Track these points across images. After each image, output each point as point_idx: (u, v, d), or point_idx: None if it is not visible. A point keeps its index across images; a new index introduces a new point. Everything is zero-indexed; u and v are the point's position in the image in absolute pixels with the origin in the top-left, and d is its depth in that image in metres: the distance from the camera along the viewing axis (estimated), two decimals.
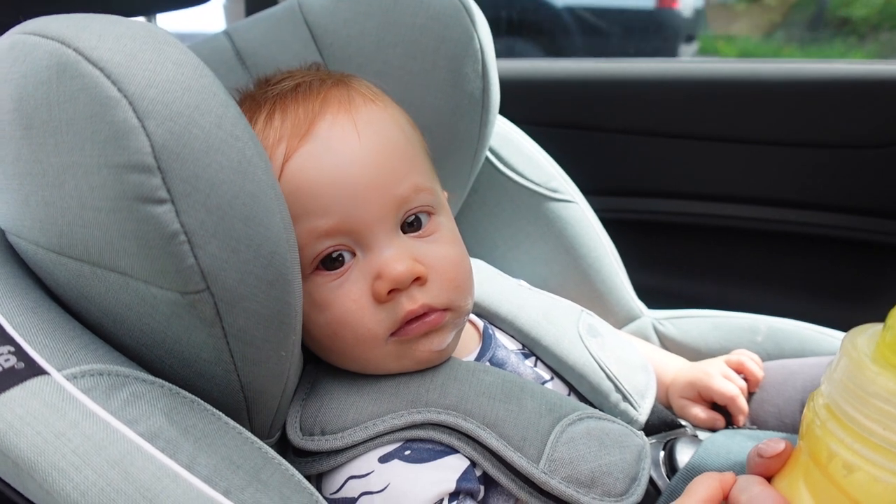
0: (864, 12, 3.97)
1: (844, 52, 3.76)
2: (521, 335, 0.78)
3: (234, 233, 0.47)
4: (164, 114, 0.44)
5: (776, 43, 4.00)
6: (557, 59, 1.51)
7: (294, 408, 0.65)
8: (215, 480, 0.46)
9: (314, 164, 0.61)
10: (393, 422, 0.62)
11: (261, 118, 0.65)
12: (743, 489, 0.48)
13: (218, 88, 0.48)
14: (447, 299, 0.64)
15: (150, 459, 0.45)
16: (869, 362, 0.43)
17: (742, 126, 1.33)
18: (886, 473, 0.42)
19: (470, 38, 0.83)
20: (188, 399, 0.50)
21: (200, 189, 0.45)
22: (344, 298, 0.62)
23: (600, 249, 1.01)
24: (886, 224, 1.27)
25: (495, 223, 1.00)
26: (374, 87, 0.71)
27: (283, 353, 0.55)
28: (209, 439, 0.48)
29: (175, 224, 0.45)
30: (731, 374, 0.86)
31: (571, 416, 0.65)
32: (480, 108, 0.86)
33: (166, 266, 0.46)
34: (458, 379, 0.66)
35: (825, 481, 0.45)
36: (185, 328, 0.49)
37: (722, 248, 1.43)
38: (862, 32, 3.98)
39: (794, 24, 4.21)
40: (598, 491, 0.62)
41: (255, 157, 0.49)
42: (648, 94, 1.38)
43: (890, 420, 0.41)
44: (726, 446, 0.70)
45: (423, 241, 0.65)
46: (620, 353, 0.81)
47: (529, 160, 1.01)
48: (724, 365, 0.88)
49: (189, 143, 0.45)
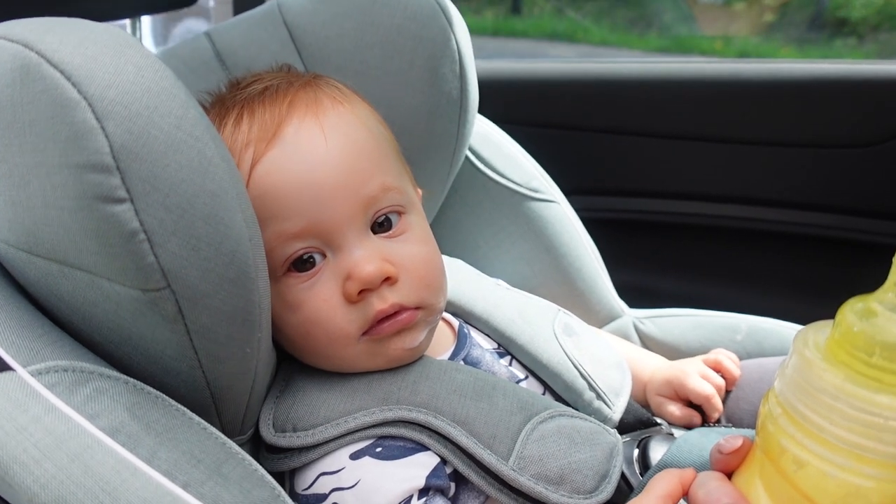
0: (863, 13, 3.97)
1: (843, 53, 3.76)
2: (496, 334, 0.78)
3: (194, 231, 0.48)
4: (124, 115, 0.45)
5: (775, 43, 4.01)
6: (539, 60, 1.51)
7: (268, 405, 0.66)
8: (175, 474, 0.47)
9: (281, 169, 0.62)
10: (364, 419, 0.63)
11: (229, 122, 0.65)
12: (701, 484, 0.49)
13: (178, 90, 0.49)
14: (418, 298, 0.65)
15: (111, 453, 0.45)
16: (818, 359, 0.43)
17: (723, 125, 1.33)
18: (834, 468, 0.42)
19: (447, 38, 0.83)
20: (152, 395, 0.51)
21: (160, 188, 0.46)
22: (315, 299, 0.63)
23: (581, 249, 1.02)
24: (867, 223, 1.27)
25: (476, 223, 1.00)
26: (344, 87, 0.72)
27: (248, 350, 0.55)
28: (171, 434, 0.49)
29: (134, 223, 0.46)
30: (709, 373, 0.86)
31: (543, 415, 0.66)
32: (458, 108, 0.87)
33: (127, 264, 0.47)
34: (429, 377, 0.67)
35: (778, 477, 0.45)
36: (149, 325, 0.50)
37: (703, 248, 1.43)
38: (861, 33, 3.98)
39: (791, 24, 4.21)
40: (567, 488, 0.62)
41: (215, 157, 0.50)
42: (630, 93, 1.38)
43: (837, 416, 0.41)
44: (699, 444, 0.70)
45: (394, 241, 0.66)
46: (595, 352, 0.81)
47: (510, 160, 1.01)
48: (701, 364, 0.88)
49: (148, 143, 0.46)
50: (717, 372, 0.87)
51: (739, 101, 1.31)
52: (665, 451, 0.72)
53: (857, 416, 0.41)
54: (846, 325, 0.43)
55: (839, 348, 0.43)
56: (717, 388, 0.85)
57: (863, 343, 0.41)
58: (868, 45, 3.86)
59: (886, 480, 0.41)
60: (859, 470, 0.41)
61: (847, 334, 0.42)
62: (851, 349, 0.42)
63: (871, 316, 0.42)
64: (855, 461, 0.41)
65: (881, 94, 1.22)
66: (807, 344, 0.45)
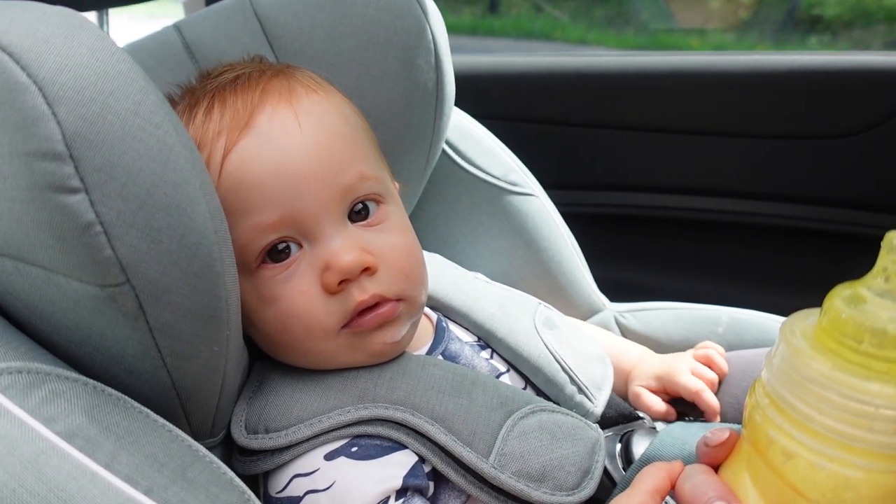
0: (837, 10, 4.03)
1: (818, 49, 3.81)
2: (475, 327, 0.77)
3: (154, 223, 0.46)
4: (76, 100, 0.43)
5: (751, 40, 4.04)
6: (517, 54, 1.51)
7: (240, 406, 0.64)
8: (136, 479, 0.44)
9: (255, 157, 0.60)
10: (339, 418, 0.61)
11: (200, 112, 0.63)
12: (688, 477, 0.48)
13: (137, 74, 0.47)
14: (398, 289, 0.63)
15: (67, 458, 0.43)
16: (806, 347, 0.42)
17: (701, 118, 1.34)
18: (823, 459, 0.41)
19: (422, 29, 0.82)
20: (113, 396, 0.49)
21: (116, 178, 0.44)
22: (292, 291, 0.61)
23: (561, 243, 1.01)
24: (845, 214, 1.28)
25: (454, 217, 0.99)
26: (318, 77, 0.70)
27: (215, 348, 0.53)
28: (132, 437, 0.47)
29: (90, 214, 0.44)
30: (701, 368, 0.84)
31: (524, 410, 0.65)
32: (434, 100, 0.86)
33: (83, 258, 0.45)
34: (407, 373, 0.65)
35: (765, 469, 0.45)
36: (109, 323, 0.48)
37: (683, 241, 1.43)
38: (835, 30, 4.03)
39: (766, 21, 4.25)
40: (550, 485, 0.61)
41: (176, 145, 0.47)
42: (609, 87, 1.38)
43: (826, 405, 0.41)
44: (682, 437, 0.69)
45: (372, 231, 0.64)
46: (577, 345, 0.80)
47: (488, 153, 1.00)
48: (692, 360, 0.86)
49: (103, 130, 0.43)
50: (708, 367, 0.85)
51: (717, 94, 1.32)
52: (648, 445, 0.71)
53: (847, 405, 0.40)
54: (834, 312, 0.42)
55: (827, 336, 0.42)
56: (709, 383, 0.83)
57: (851, 330, 0.41)
58: (841, 42, 3.91)
59: (876, 471, 0.41)
60: (849, 460, 0.41)
61: (835, 321, 0.42)
62: (840, 336, 0.41)
63: (860, 302, 0.41)
64: (844, 451, 0.41)
65: (859, 85, 1.23)
66: (794, 332, 0.44)
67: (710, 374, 0.84)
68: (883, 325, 0.40)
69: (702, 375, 0.83)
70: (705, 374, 0.84)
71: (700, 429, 0.72)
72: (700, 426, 0.73)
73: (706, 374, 0.84)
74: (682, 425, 0.73)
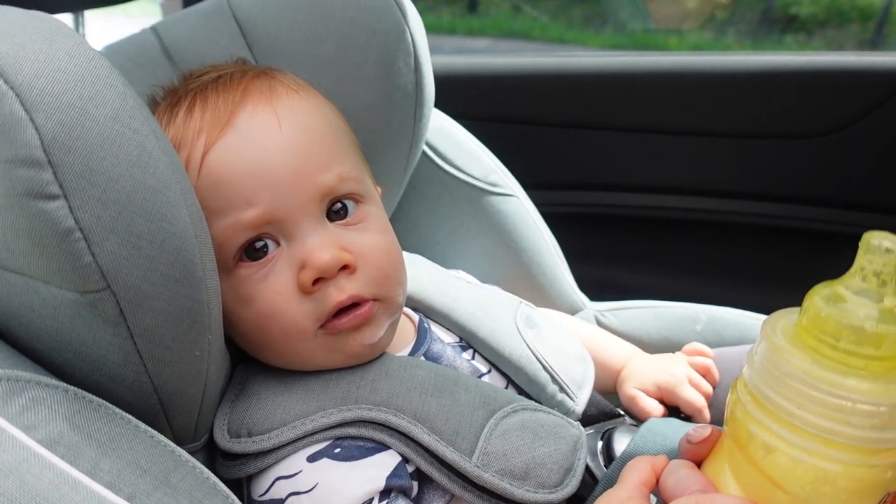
0: (812, 10, 4.08)
1: (794, 48, 3.86)
2: (457, 328, 0.77)
3: (134, 229, 0.45)
4: (54, 105, 0.42)
5: (728, 39, 4.08)
6: (496, 55, 1.51)
7: (223, 410, 0.64)
8: (119, 486, 0.44)
9: (235, 155, 0.60)
10: (322, 420, 0.61)
11: (181, 110, 0.63)
12: (671, 472, 0.49)
13: (115, 80, 0.46)
14: (376, 289, 0.63)
15: (49, 466, 0.42)
16: (786, 344, 0.43)
17: (680, 118, 1.35)
18: (803, 454, 0.42)
19: (401, 31, 0.82)
20: (94, 403, 0.48)
21: (96, 184, 0.44)
22: (269, 290, 0.61)
23: (541, 243, 1.01)
24: (822, 212, 1.30)
25: (435, 219, 0.99)
26: (299, 79, 0.70)
27: (197, 352, 0.53)
28: (114, 444, 0.46)
29: (69, 220, 0.43)
30: (698, 380, 0.84)
31: (506, 409, 0.65)
32: (414, 102, 0.86)
33: (62, 264, 0.44)
34: (389, 374, 0.65)
35: (746, 463, 0.45)
36: (90, 329, 0.47)
37: (662, 239, 1.44)
38: (810, 29, 4.09)
39: (742, 20, 4.30)
40: (532, 483, 0.61)
41: (156, 150, 0.47)
42: (587, 87, 1.39)
43: (806, 400, 0.41)
44: (662, 432, 0.70)
45: (351, 230, 0.64)
46: (558, 344, 0.80)
47: (468, 154, 1.00)
48: (688, 368, 0.85)
49: (82, 135, 0.43)
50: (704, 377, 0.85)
51: (695, 94, 1.33)
52: (629, 441, 0.71)
53: (826, 400, 0.41)
54: (814, 311, 0.43)
55: (807, 333, 0.43)
56: (707, 396, 0.82)
57: (830, 327, 0.42)
58: (817, 41, 3.96)
59: (854, 464, 0.41)
60: (827, 454, 0.42)
61: (815, 319, 0.42)
62: (819, 334, 0.42)
63: (839, 300, 0.42)
64: (823, 445, 0.41)
65: (835, 85, 1.25)
66: (775, 330, 0.45)
67: (708, 387, 0.83)
68: (860, 323, 0.41)
69: (700, 387, 0.83)
70: (704, 387, 0.83)
71: (680, 424, 0.73)
72: (679, 422, 0.74)
73: (704, 387, 0.83)
74: (662, 420, 0.74)
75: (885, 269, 0.40)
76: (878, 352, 0.40)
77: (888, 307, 0.40)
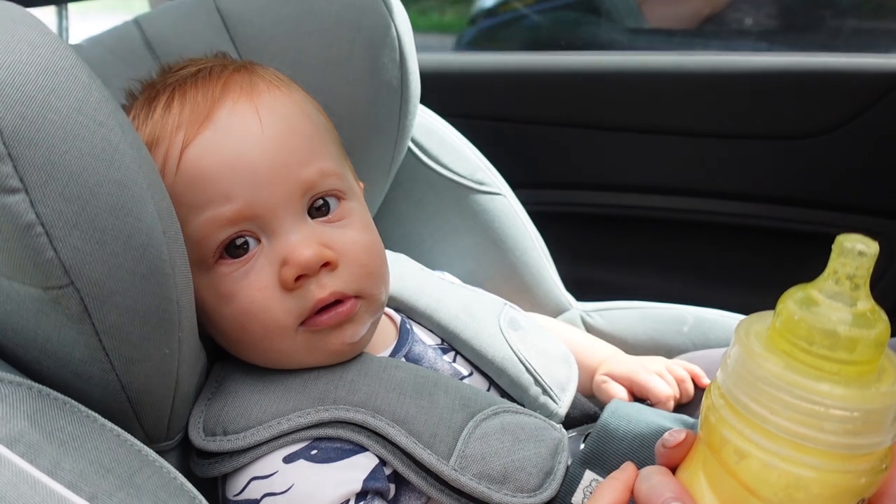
0: None
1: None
2: (439, 329, 0.77)
3: (98, 223, 0.45)
4: (15, 97, 0.42)
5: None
6: (483, 52, 1.50)
7: (198, 408, 0.63)
8: (80, 485, 0.43)
9: (214, 151, 0.60)
10: (299, 420, 0.60)
11: (159, 106, 0.63)
12: (644, 479, 0.48)
13: (80, 71, 0.46)
14: (358, 286, 0.63)
15: (7, 465, 0.42)
16: (759, 349, 0.43)
17: (670, 118, 1.34)
18: (776, 459, 0.41)
19: (387, 26, 0.82)
20: (59, 401, 0.48)
21: (57, 177, 0.43)
22: (249, 288, 0.60)
23: (528, 242, 1.01)
24: (810, 213, 1.30)
25: (421, 216, 0.99)
26: (280, 74, 0.69)
27: (166, 350, 0.52)
28: (77, 443, 0.46)
29: (30, 215, 0.42)
30: (669, 377, 0.82)
31: (486, 412, 0.64)
32: (399, 98, 0.85)
33: (23, 260, 0.43)
34: (368, 375, 0.65)
35: (720, 469, 0.45)
36: (54, 326, 0.47)
37: (649, 240, 1.43)
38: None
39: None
40: (511, 487, 0.60)
41: (121, 143, 0.46)
42: (576, 86, 1.38)
43: (779, 405, 0.41)
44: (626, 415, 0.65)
45: (333, 226, 0.64)
46: (542, 346, 0.80)
47: (454, 152, 0.99)
48: (664, 367, 0.83)
49: (44, 128, 0.42)
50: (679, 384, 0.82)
51: (684, 94, 1.32)
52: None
53: (798, 405, 0.40)
54: (787, 314, 0.42)
55: (780, 337, 0.42)
56: (678, 393, 0.80)
57: (803, 331, 0.41)
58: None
59: (827, 470, 0.41)
60: (800, 460, 0.41)
61: (787, 323, 0.42)
62: (792, 338, 0.41)
63: (812, 304, 0.41)
64: (796, 451, 0.41)
65: (824, 86, 1.24)
66: (748, 334, 0.44)
67: (681, 371, 0.82)
68: (833, 327, 0.40)
69: (670, 384, 0.80)
70: (673, 385, 0.81)
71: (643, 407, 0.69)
72: (643, 406, 0.70)
73: (673, 385, 0.81)
74: (626, 402, 0.70)
75: (859, 273, 0.40)
76: (852, 356, 0.40)
77: (861, 311, 0.40)
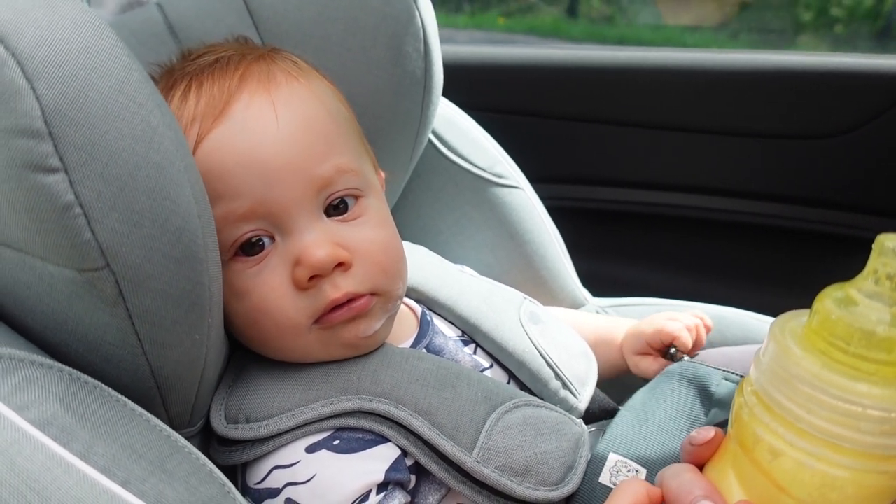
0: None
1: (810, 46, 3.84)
2: (460, 322, 0.76)
3: (136, 206, 0.44)
4: (57, 75, 0.41)
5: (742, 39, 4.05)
6: (505, 46, 1.50)
7: (220, 395, 0.63)
8: (113, 470, 0.43)
9: (228, 146, 0.59)
10: (322, 409, 0.60)
11: (176, 95, 0.62)
12: (673, 475, 0.48)
13: (121, 51, 0.45)
14: (373, 284, 0.62)
15: (40, 448, 0.41)
16: (796, 347, 0.42)
17: (688, 115, 1.34)
18: (811, 458, 0.41)
19: (411, 16, 0.81)
20: (90, 384, 0.47)
21: (98, 157, 0.42)
22: (263, 286, 0.60)
23: (545, 236, 1.00)
24: (828, 214, 1.29)
25: (439, 208, 0.98)
26: (301, 62, 0.69)
27: (196, 336, 0.52)
28: (109, 427, 0.45)
29: (69, 195, 0.42)
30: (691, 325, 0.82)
31: (508, 404, 0.64)
32: (422, 89, 0.84)
33: (61, 241, 0.43)
34: (391, 366, 0.64)
35: (751, 467, 0.45)
36: (87, 309, 0.46)
37: (667, 237, 1.43)
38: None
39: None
40: (533, 480, 0.60)
41: (161, 125, 0.46)
42: (597, 81, 1.38)
43: (814, 404, 0.41)
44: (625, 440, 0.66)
45: (349, 225, 0.63)
46: (562, 340, 0.80)
47: (474, 144, 0.99)
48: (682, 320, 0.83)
49: (85, 107, 0.42)
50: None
51: (705, 92, 1.32)
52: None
53: (835, 405, 0.40)
54: (824, 313, 0.42)
55: (817, 336, 0.42)
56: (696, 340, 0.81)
57: (841, 331, 0.41)
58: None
59: (862, 471, 0.41)
60: (835, 460, 0.41)
61: (825, 322, 0.42)
62: (829, 337, 0.41)
63: (851, 304, 0.41)
64: (831, 451, 0.41)
65: (844, 86, 1.24)
66: (783, 332, 0.44)
67: (693, 319, 0.82)
68: (872, 327, 0.40)
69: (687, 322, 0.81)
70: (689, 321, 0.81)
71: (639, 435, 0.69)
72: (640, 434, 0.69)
73: (690, 320, 0.81)
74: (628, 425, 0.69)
75: None
76: (890, 357, 0.40)
77: None
